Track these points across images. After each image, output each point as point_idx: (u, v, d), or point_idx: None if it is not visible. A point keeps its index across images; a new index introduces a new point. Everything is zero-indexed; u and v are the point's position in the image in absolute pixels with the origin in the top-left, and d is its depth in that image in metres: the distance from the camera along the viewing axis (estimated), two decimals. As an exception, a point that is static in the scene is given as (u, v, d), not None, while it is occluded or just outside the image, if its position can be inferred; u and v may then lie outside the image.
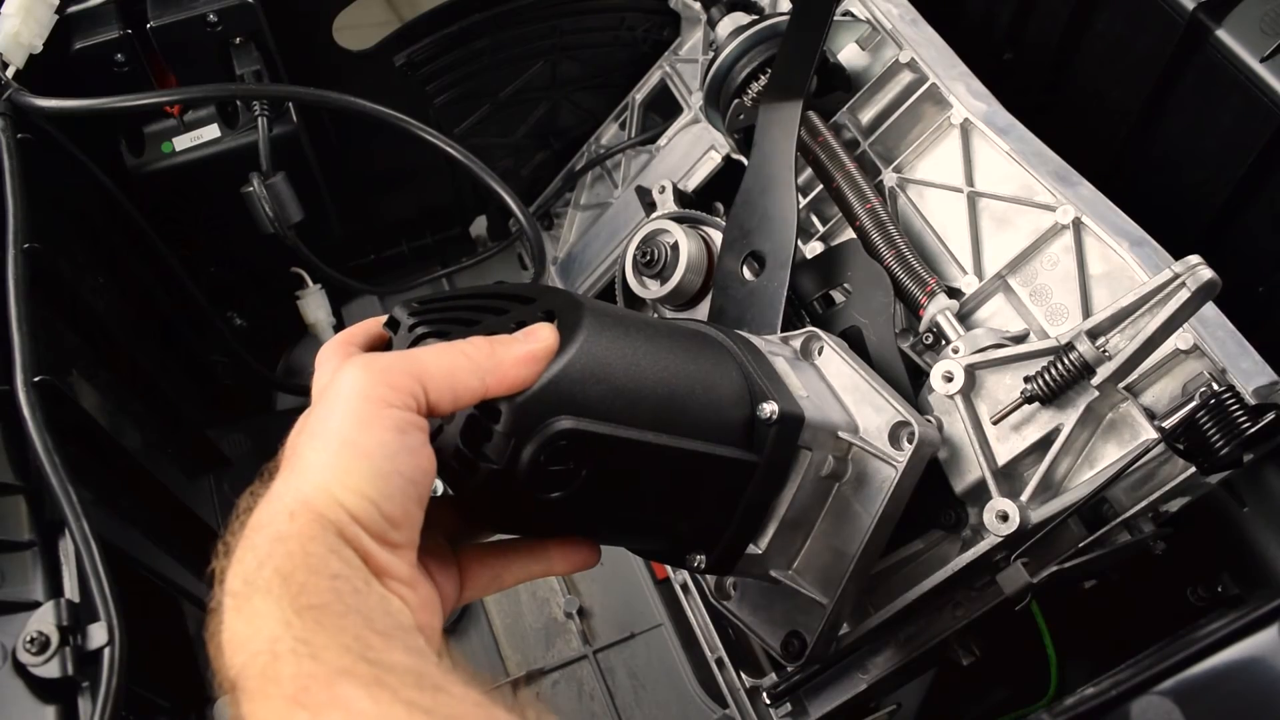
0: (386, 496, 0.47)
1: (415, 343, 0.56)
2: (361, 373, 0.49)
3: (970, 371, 0.73)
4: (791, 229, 0.82)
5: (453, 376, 0.51)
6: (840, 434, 0.69)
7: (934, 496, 0.76)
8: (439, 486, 0.57)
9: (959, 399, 0.73)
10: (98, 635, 0.61)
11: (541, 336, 0.54)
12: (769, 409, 0.63)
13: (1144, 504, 0.75)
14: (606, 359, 0.57)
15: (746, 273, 0.84)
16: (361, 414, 0.48)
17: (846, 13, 0.97)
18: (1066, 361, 0.68)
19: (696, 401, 0.61)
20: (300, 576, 0.43)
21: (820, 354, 0.74)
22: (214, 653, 0.44)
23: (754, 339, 0.71)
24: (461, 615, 1.13)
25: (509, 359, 0.53)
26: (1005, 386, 0.73)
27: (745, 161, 0.89)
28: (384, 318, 0.60)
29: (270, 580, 0.43)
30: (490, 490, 0.54)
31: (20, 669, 0.59)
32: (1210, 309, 0.72)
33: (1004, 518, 0.70)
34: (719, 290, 0.86)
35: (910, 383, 0.78)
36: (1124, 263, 0.75)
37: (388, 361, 0.50)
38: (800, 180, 0.93)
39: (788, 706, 0.88)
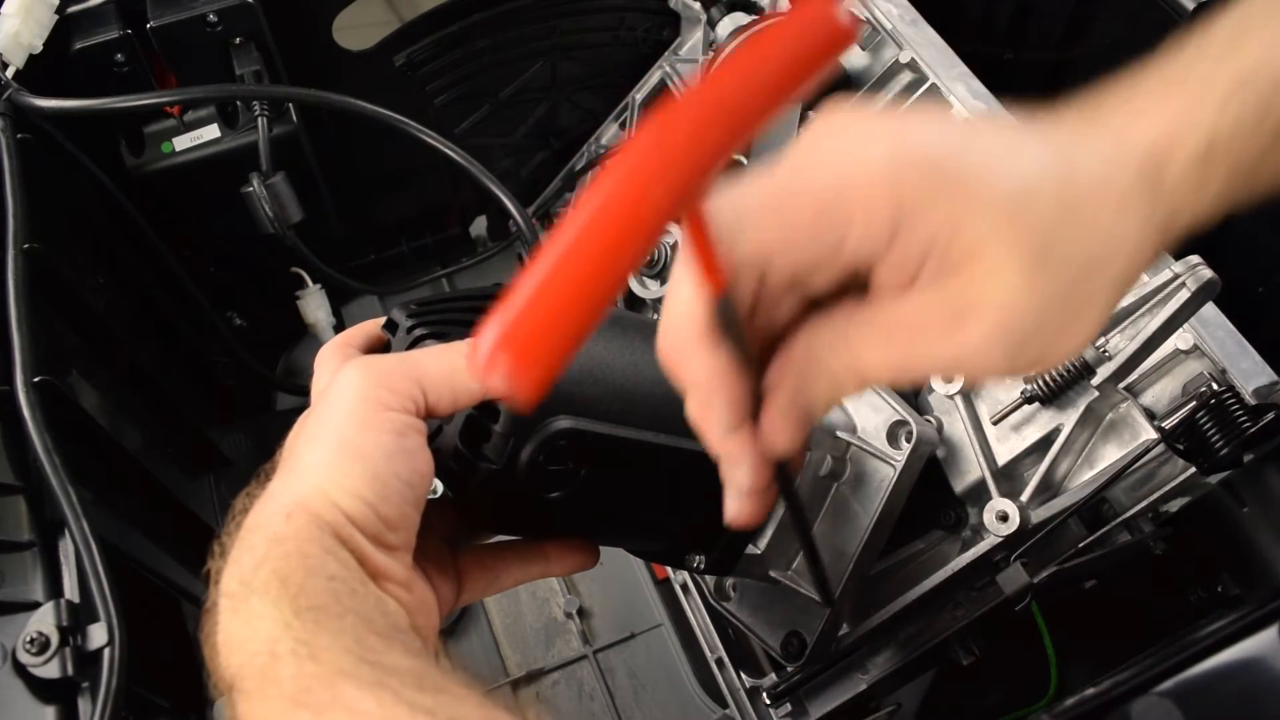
0: (383, 499, 0.47)
1: (413, 344, 0.56)
2: (361, 375, 0.49)
3: (970, 372, 0.73)
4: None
5: (452, 379, 0.51)
6: (838, 433, 0.70)
7: (934, 496, 0.76)
8: (438, 487, 0.57)
9: (959, 399, 0.73)
10: (98, 636, 0.61)
11: None
12: None
13: (1144, 504, 0.75)
14: (605, 359, 0.57)
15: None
16: (360, 416, 0.48)
17: (846, 13, 0.97)
18: (1066, 362, 0.68)
19: None
20: (298, 578, 0.43)
21: None
22: (209, 653, 0.44)
23: None
24: (461, 615, 1.13)
25: None
26: (1005, 386, 0.73)
27: (745, 162, 0.89)
28: (383, 319, 0.60)
29: (268, 581, 0.43)
30: (489, 490, 0.54)
31: (20, 669, 0.59)
32: (1210, 309, 0.72)
33: (1004, 518, 0.70)
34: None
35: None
36: (1124, 263, 0.75)
37: (387, 364, 0.50)
38: (800, 180, 0.93)
39: (788, 706, 0.88)
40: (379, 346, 0.60)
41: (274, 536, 0.45)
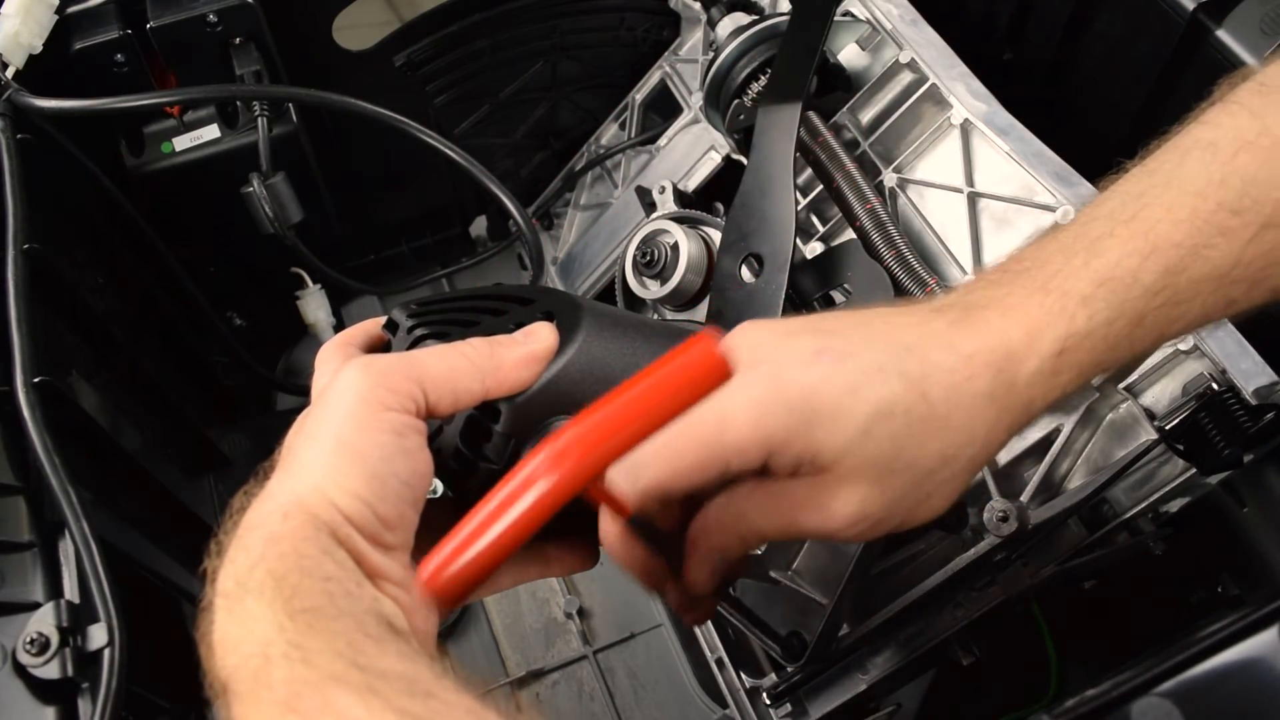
0: (381, 498, 0.47)
1: (414, 344, 0.56)
2: (361, 374, 0.49)
3: (970, 372, 0.73)
4: (790, 231, 0.82)
5: (453, 379, 0.51)
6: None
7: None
8: (438, 487, 0.57)
9: (959, 399, 0.73)
10: (98, 636, 0.61)
11: (541, 337, 0.55)
12: None
13: (1144, 504, 0.75)
14: (605, 359, 0.57)
15: (744, 275, 0.84)
16: (359, 416, 0.48)
17: (846, 13, 0.97)
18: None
19: None
20: (293, 579, 0.43)
21: None
22: (205, 652, 0.44)
23: None
24: (461, 616, 1.14)
25: (509, 361, 0.53)
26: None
27: (745, 162, 0.89)
28: (384, 319, 0.60)
29: (263, 581, 0.43)
30: (488, 490, 0.54)
31: (20, 670, 0.59)
32: (1210, 309, 0.72)
33: (1004, 518, 0.70)
34: (717, 292, 0.86)
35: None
36: (1124, 263, 0.75)
37: (387, 364, 0.50)
38: (800, 180, 0.93)
39: (788, 707, 0.88)
40: (379, 346, 0.60)
41: (270, 536, 0.45)
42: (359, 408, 0.48)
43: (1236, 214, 0.50)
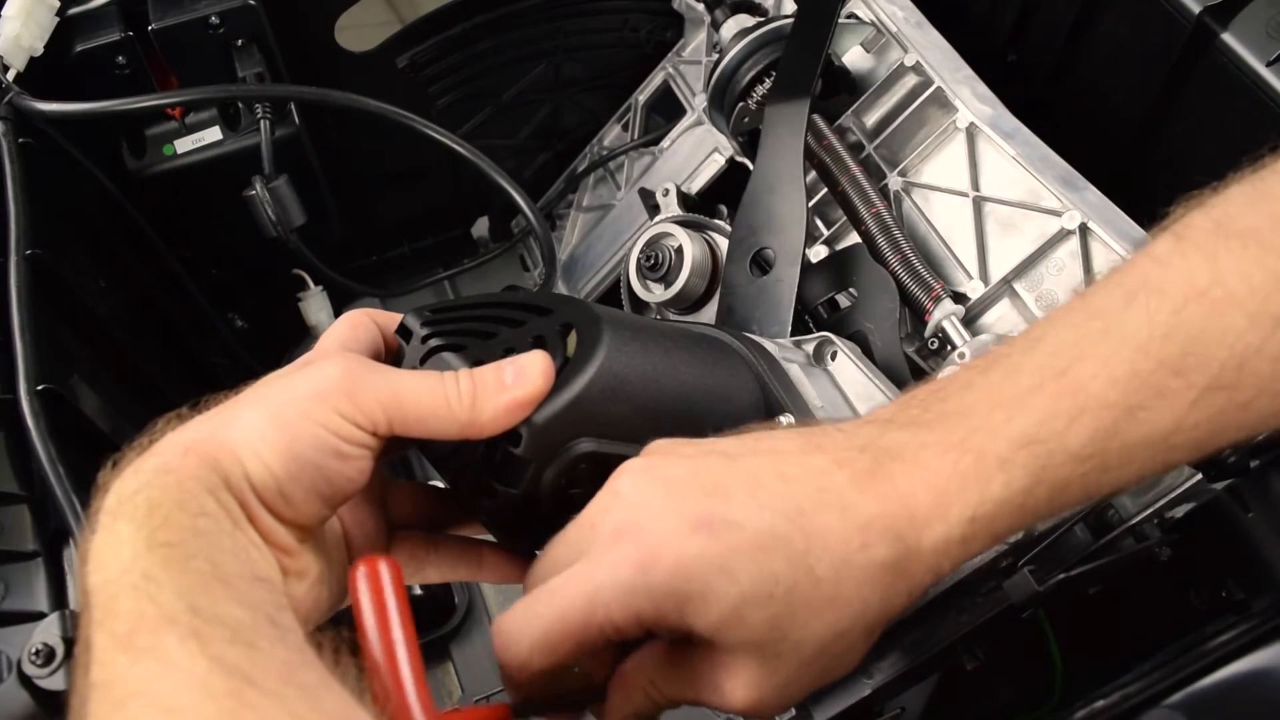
0: (292, 478, 0.47)
1: (428, 355, 0.55)
2: (336, 373, 0.49)
3: (976, 378, 0.73)
4: (800, 227, 0.82)
5: (425, 418, 0.50)
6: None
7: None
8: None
9: (965, 406, 0.73)
10: (103, 646, 0.61)
11: (530, 379, 0.52)
12: (785, 423, 0.63)
13: (1150, 510, 0.75)
14: (627, 376, 0.55)
15: (755, 271, 0.84)
16: (306, 405, 0.48)
17: (851, 15, 0.96)
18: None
19: (714, 416, 0.60)
20: (165, 510, 0.43)
21: (834, 359, 0.74)
22: (79, 561, 0.44)
23: (768, 344, 0.71)
24: (465, 619, 1.13)
25: (490, 409, 0.51)
26: (1011, 393, 0.73)
27: (749, 164, 0.89)
28: (402, 316, 0.59)
29: (138, 505, 0.43)
30: (508, 513, 0.53)
31: (25, 681, 0.58)
32: (1217, 315, 0.72)
33: (1011, 525, 0.69)
34: (727, 289, 0.86)
35: (916, 389, 0.77)
36: (1131, 269, 0.75)
37: (366, 379, 0.50)
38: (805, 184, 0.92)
39: (792, 712, 0.88)
40: (394, 350, 0.59)
41: (163, 465, 0.45)
42: (311, 399, 0.48)
43: (1179, 374, 0.46)
